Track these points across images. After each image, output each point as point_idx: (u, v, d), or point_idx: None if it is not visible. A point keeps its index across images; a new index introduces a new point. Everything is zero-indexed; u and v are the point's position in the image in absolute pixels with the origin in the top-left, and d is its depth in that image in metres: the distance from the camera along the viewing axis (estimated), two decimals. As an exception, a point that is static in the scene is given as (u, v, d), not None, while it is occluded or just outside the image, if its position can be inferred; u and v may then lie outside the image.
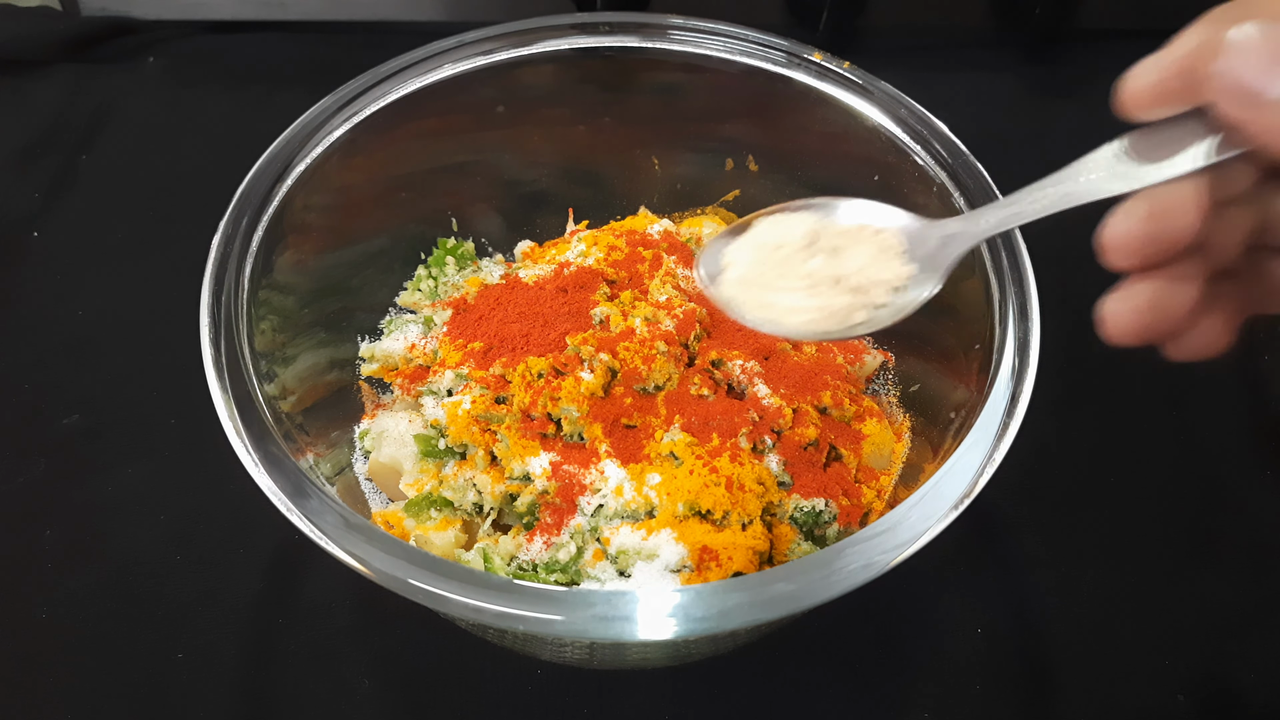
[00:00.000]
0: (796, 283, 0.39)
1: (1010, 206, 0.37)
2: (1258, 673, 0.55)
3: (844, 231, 0.40)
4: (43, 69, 0.86)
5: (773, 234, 0.41)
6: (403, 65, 0.57)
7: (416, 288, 0.63)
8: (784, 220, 0.41)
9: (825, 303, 0.39)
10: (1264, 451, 0.64)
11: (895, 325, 0.60)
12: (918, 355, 0.59)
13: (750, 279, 0.40)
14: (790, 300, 0.39)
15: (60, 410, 0.64)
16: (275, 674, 0.54)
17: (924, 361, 0.58)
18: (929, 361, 0.57)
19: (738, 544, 0.48)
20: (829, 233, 0.40)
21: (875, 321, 0.39)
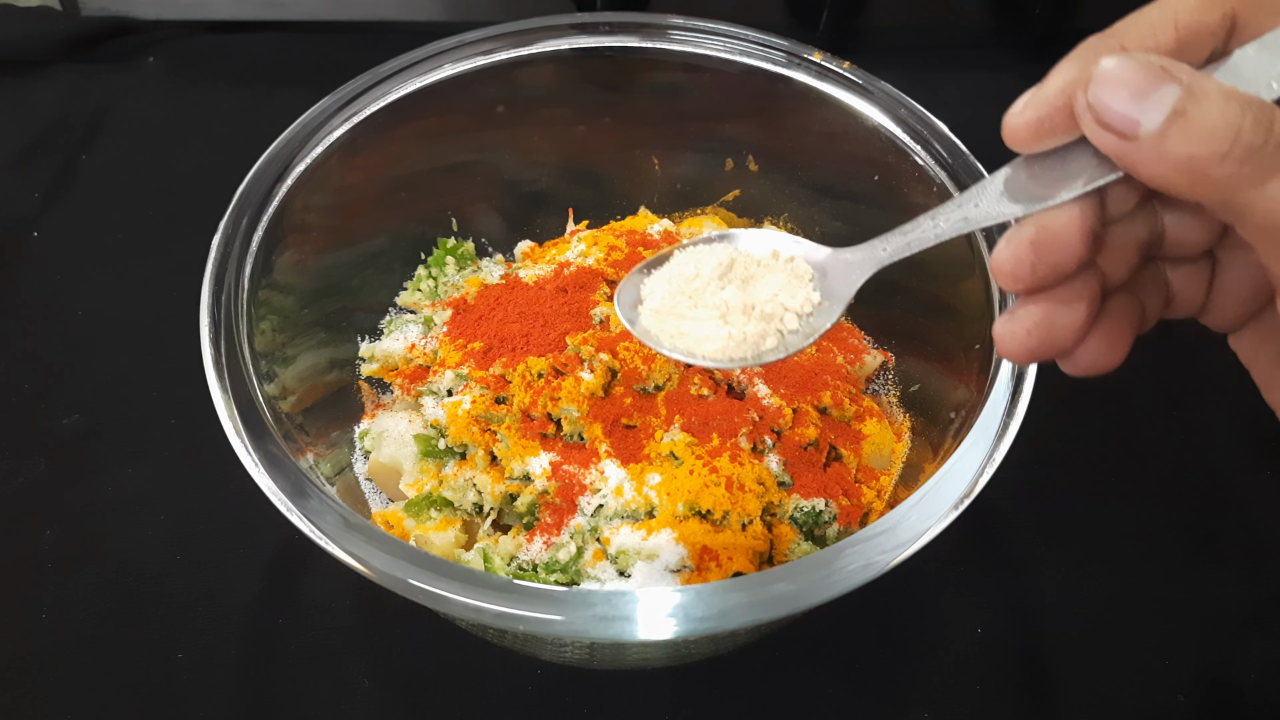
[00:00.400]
0: (710, 312, 0.41)
1: (910, 234, 0.38)
2: (1258, 672, 0.55)
3: (757, 261, 0.41)
4: (43, 69, 0.86)
5: (688, 265, 0.42)
6: (403, 65, 0.57)
7: (416, 288, 0.63)
8: (699, 252, 0.42)
9: (737, 330, 0.40)
10: (1264, 451, 0.64)
11: (892, 324, 0.61)
12: (918, 355, 0.59)
13: (665, 310, 0.42)
14: (703, 329, 0.40)
15: (60, 410, 0.64)
16: (275, 674, 0.54)
17: (924, 361, 0.58)
18: (929, 361, 0.57)
19: (738, 544, 0.48)
20: (742, 262, 0.41)
21: (786, 347, 0.40)
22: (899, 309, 0.60)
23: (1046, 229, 0.31)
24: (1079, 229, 0.31)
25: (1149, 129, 0.27)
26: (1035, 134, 0.31)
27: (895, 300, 0.60)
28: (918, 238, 0.38)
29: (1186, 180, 0.27)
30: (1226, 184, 0.26)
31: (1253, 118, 0.26)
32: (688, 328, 0.41)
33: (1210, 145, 0.26)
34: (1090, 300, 0.32)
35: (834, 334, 0.61)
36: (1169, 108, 0.27)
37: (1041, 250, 0.31)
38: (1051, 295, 0.32)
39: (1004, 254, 0.31)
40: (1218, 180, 0.26)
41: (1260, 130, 0.26)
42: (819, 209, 0.63)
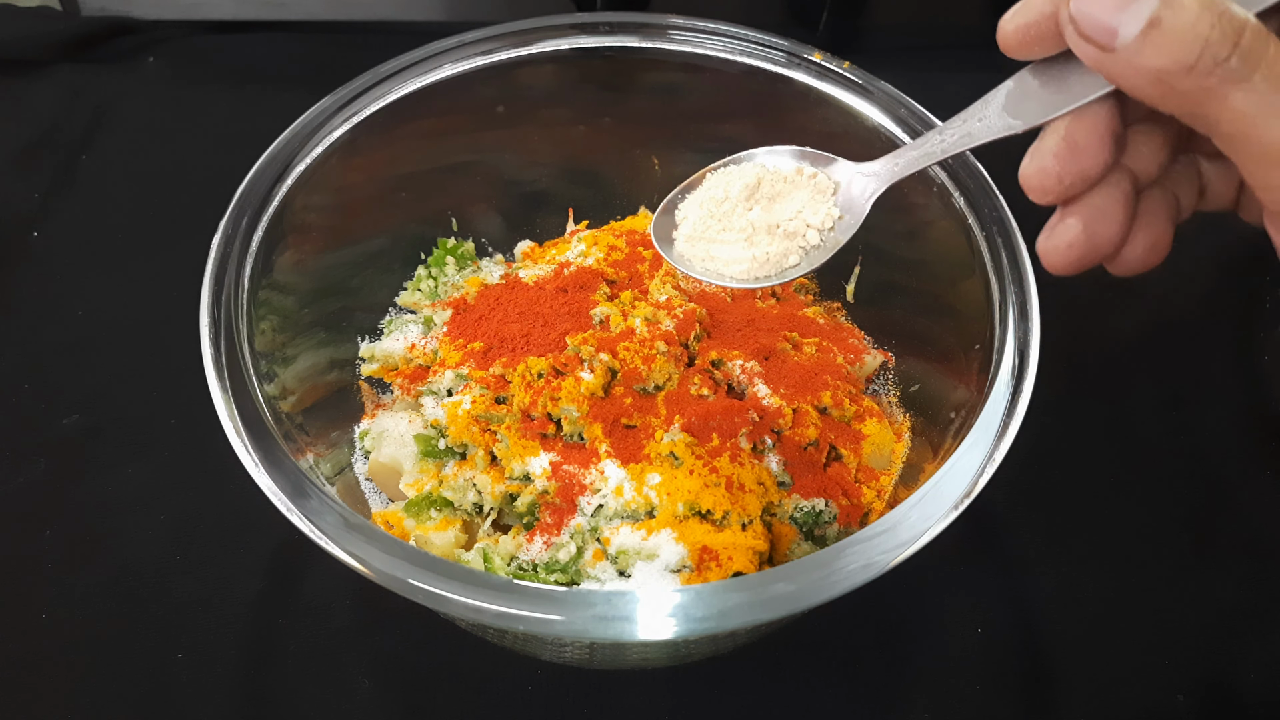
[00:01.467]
0: (736, 235, 0.43)
1: (920, 148, 0.40)
2: (1258, 672, 0.55)
3: (783, 178, 0.44)
4: (43, 69, 0.86)
5: (718, 189, 0.44)
6: (403, 65, 0.57)
7: (416, 288, 0.63)
8: (729, 174, 0.44)
9: (760, 251, 0.42)
10: (1264, 452, 0.64)
11: (892, 324, 0.61)
12: (918, 355, 0.59)
13: (697, 235, 0.44)
14: (730, 252, 0.43)
15: (60, 410, 0.64)
16: (275, 674, 0.54)
17: (924, 361, 0.58)
18: (929, 361, 0.57)
19: (738, 544, 0.48)
20: (769, 180, 0.43)
21: (810, 262, 0.42)
22: (899, 309, 0.60)
23: (1067, 138, 0.31)
24: (1099, 134, 0.31)
25: (1125, 39, 0.27)
26: (1023, 41, 0.32)
27: (895, 300, 0.61)
28: (927, 152, 0.40)
29: (1158, 92, 0.28)
30: (1193, 97, 0.27)
31: (1220, 30, 0.27)
32: (717, 250, 0.43)
33: (1178, 57, 0.27)
34: (1125, 203, 0.32)
35: (834, 334, 0.61)
36: (1145, 18, 0.27)
37: (1065, 160, 0.31)
38: (1086, 204, 0.32)
39: (1030, 168, 0.32)
40: (1185, 93, 0.27)
41: (1227, 43, 0.26)
42: (819, 209, 0.63)
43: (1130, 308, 0.71)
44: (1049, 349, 0.46)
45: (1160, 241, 0.34)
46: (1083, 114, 0.31)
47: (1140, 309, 0.71)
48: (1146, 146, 0.33)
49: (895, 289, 0.60)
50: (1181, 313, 0.70)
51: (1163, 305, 0.71)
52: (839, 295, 0.64)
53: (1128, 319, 0.70)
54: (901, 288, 0.59)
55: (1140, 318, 0.70)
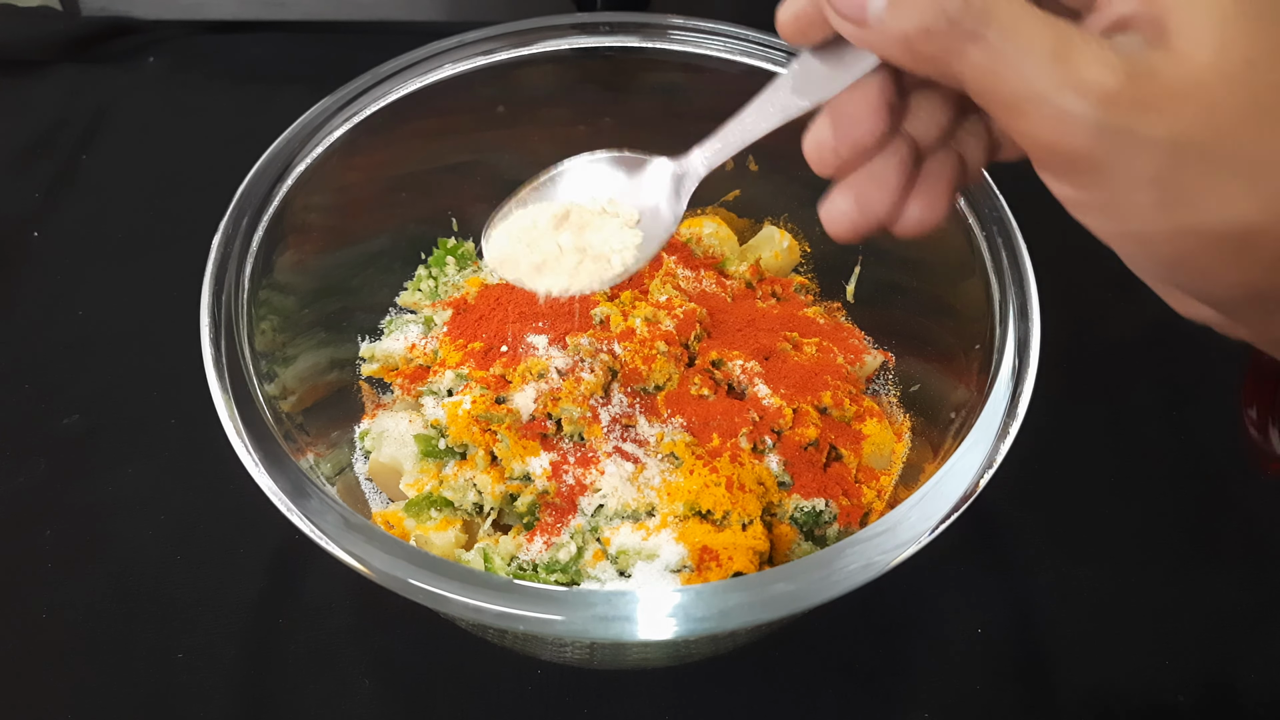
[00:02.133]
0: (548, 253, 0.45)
1: (716, 142, 0.43)
2: (1258, 672, 0.54)
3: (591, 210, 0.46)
4: (43, 69, 0.86)
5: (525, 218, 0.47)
6: (403, 65, 0.57)
7: (417, 288, 0.63)
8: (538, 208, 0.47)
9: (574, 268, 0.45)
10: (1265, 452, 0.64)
11: (893, 324, 0.61)
12: (918, 355, 0.59)
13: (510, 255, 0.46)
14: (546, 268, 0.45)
15: (60, 410, 0.64)
16: (276, 674, 0.54)
17: (924, 362, 0.58)
18: (929, 362, 0.57)
19: (738, 544, 0.48)
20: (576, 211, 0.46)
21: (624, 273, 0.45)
22: (899, 309, 0.60)
23: (840, 111, 0.33)
24: (870, 105, 0.33)
25: (875, 12, 0.30)
26: (799, 29, 0.34)
27: (895, 300, 0.60)
28: (722, 145, 0.42)
29: (910, 58, 0.30)
30: (940, 59, 0.29)
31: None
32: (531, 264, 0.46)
33: (920, 21, 0.29)
34: (899, 170, 0.34)
35: (834, 334, 0.61)
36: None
37: (840, 131, 0.34)
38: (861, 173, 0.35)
39: (809, 142, 0.34)
40: (931, 56, 0.29)
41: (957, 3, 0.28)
42: (819, 209, 0.63)
43: (1130, 308, 0.71)
44: (1049, 349, 0.46)
45: (938, 203, 0.35)
46: (855, 87, 0.34)
47: (1140, 309, 0.71)
48: (926, 111, 0.35)
49: (895, 289, 0.60)
50: (1181, 313, 0.70)
51: (1163, 305, 0.71)
52: (839, 295, 0.64)
53: (1128, 319, 0.70)
54: (902, 288, 0.59)
55: (1140, 318, 0.70)
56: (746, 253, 0.65)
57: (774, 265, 0.64)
